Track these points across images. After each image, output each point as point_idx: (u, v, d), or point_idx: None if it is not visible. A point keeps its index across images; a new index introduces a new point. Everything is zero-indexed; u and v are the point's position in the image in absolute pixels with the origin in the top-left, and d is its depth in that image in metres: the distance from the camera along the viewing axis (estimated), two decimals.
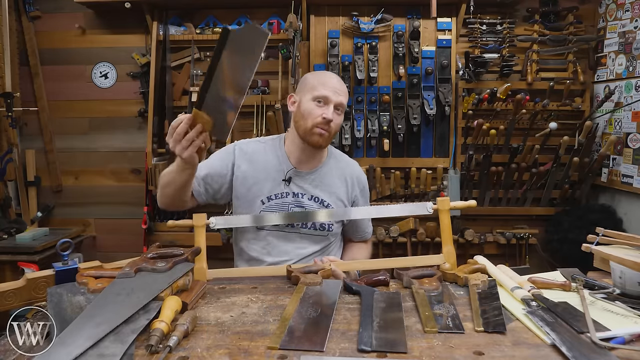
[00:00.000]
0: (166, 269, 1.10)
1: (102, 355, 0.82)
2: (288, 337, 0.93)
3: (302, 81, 1.61)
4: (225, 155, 1.62)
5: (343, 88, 1.56)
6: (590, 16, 2.86)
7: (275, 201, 1.56)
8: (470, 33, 2.84)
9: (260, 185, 1.57)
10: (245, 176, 1.58)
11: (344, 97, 1.55)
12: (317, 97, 1.51)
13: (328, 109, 1.51)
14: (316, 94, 1.52)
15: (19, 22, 2.95)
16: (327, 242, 1.62)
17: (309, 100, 1.53)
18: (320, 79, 1.56)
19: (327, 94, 1.51)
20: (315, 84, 1.54)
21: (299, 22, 2.72)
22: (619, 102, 2.62)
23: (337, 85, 1.54)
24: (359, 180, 1.70)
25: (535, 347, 0.91)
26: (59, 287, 1.07)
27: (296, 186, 1.58)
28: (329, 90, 1.52)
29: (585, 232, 1.38)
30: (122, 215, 3.04)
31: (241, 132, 2.89)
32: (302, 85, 1.59)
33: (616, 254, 1.19)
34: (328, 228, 1.59)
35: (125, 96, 2.99)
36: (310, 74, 1.66)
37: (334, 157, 1.69)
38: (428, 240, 2.80)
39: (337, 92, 1.53)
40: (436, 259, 1.42)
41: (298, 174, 1.59)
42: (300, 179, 1.59)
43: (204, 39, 2.86)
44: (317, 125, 1.51)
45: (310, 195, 1.58)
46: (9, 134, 2.85)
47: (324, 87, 1.52)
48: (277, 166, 1.60)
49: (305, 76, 1.63)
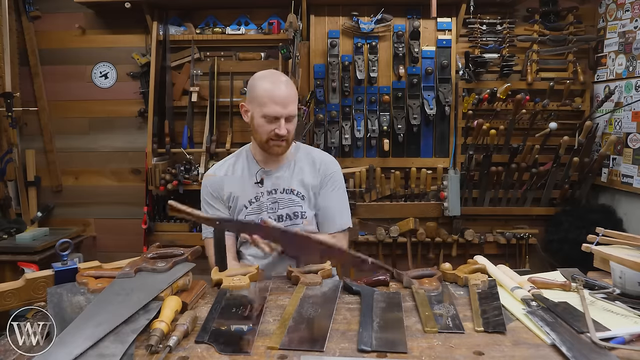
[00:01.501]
0: (166, 269, 1.10)
1: (102, 355, 0.82)
2: (288, 337, 0.93)
3: (251, 89, 1.57)
4: (208, 197, 1.67)
5: (291, 93, 1.54)
6: (590, 16, 2.86)
7: (253, 205, 1.62)
8: (470, 33, 2.84)
9: (239, 194, 1.64)
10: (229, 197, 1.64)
11: (292, 106, 1.54)
12: (266, 115, 1.51)
13: (279, 125, 1.52)
14: (265, 111, 1.51)
15: (19, 22, 2.95)
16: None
17: (260, 116, 1.53)
18: (267, 92, 1.51)
19: (276, 111, 1.50)
20: (264, 99, 1.51)
21: (299, 22, 2.72)
22: (619, 102, 2.62)
23: (284, 94, 1.52)
24: (327, 165, 1.70)
25: (535, 347, 0.91)
26: (59, 287, 1.07)
27: (270, 183, 1.64)
28: (278, 105, 1.50)
29: (585, 232, 1.38)
30: (122, 215, 3.04)
31: (241, 132, 2.89)
32: (252, 95, 1.56)
33: (616, 254, 1.19)
34: (302, 216, 1.63)
35: (125, 96, 2.99)
36: (258, 80, 1.57)
37: (305, 150, 1.73)
38: (428, 240, 2.80)
39: (285, 104, 1.52)
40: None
41: (268, 173, 1.65)
42: (271, 177, 1.65)
43: (204, 39, 2.86)
44: (271, 138, 1.55)
45: (283, 189, 1.63)
46: (9, 134, 2.85)
47: (272, 102, 1.50)
48: (248, 172, 1.66)
49: (254, 84, 1.57)
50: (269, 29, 2.83)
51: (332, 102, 2.77)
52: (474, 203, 2.84)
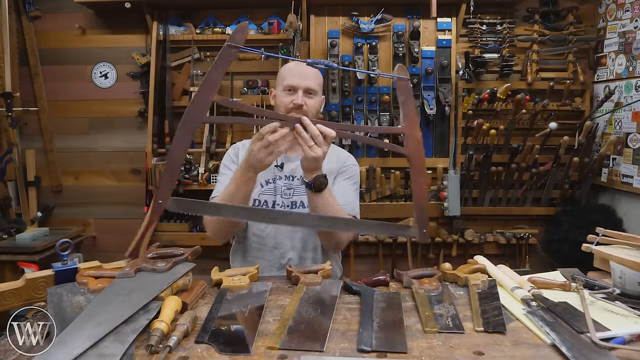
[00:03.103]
0: (166, 269, 1.10)
1: (102, 355, 0.82)
2: (288, 337, 0.93)
3: (278, 74, 1.67)
4: (232, 159, 1.70)
5: (310, 71, 1.59)
6: (590, 16, 2.86)
7: (269, 186, 1.64)
8: (470, 33, 2.84)
9: None
10: None
11: (312, 80, 1.58)
12: (286, 87, 1.58)
13: (297, 95, 1.55)
14: (285, 83, 1.58)
15: (19, 22, 2.95)
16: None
17: (281, 91, 1.60)
18: (288, 67, 1.63)
19: (294, 82, 1.56)
20: (285, 74, 1.60)
21: (299, 22, 2.72)
22: (619, 102, 2.62)
23: (304, 69, 1.58)
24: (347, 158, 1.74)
25: (535, 347, 0.91)
26: (59, 287, 1.07)
27: (289, 169, 1.66)
28: (296, 76, 1.57)
29: (585, 232, 1.38)
30: (122, 215, 3.04)
31: (241, 132, 2.90)
32: (277, 78, 1.66)
33: (616, 254, 1.19)
34: None
35: (125, 96, 2.99)
36: (284, 65, 1.72)
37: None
38: (428, 240, 2.80)
39: (304, 76, 1.57)
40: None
41: (289, 159, 1.66)
42: (292, 164, 1.66)
43: (204, 39, 2.86)
44: (289, 111, 1.55)
45: (300, 176, 1.62)
46: (9, 134, 2.85)
47: (290, 75, 1.58)
48: None
49: (281, 68, 1.69)
50: (269, 29, 2.83)
51: (332, 102, 2.77)
52: (474, 203, 2.84)
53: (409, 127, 1.16)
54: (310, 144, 1.25)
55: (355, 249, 2.83)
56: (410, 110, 1.16)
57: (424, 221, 1.17)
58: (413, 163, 1.17)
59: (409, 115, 1.16)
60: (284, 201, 1.62)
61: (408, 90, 1.15)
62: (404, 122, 1.16)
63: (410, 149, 1.16)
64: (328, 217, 1.38)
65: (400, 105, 1.16)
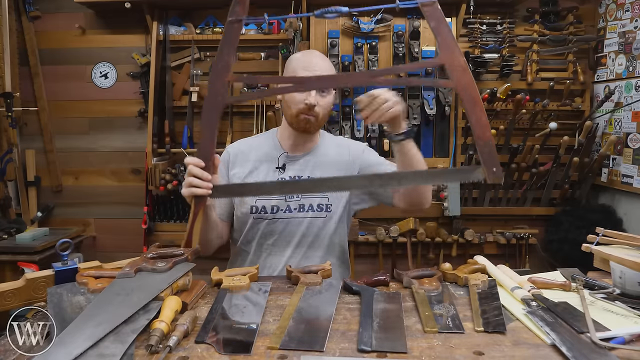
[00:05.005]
0: (166, 269, 1.10)
1: (102, 355, 0.82)
2: (288, 337, 0.93)
3: (287, 65, 1.52)
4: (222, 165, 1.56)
5: (326, 65, 1.47)
6: (590, 16, 2.86)
7: None
8: (470, 33, 2.84)
9: (254, 177, 1.53)
10: (240, 175, 1.55)
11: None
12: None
13: (310, 94, 1.42)
14: None
15: (19, 22, 2.95)
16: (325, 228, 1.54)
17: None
18: (302, 61, 1.47)
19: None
20: (297, 68, 1.45)
21: (299, 22, 2.72)
22: (619, 102, 2.62)
23: (320, 64, 1.45)
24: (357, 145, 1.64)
25: (535, 347, 0.90)
26: (59, 287, 1.07)
27: (292, 170, 1.53)
28: (308, 71, 1.42)
29: (585, 232, 1.38)
30: (122, 215, 3.04)
31: (241, 132, 2.89)
32: (286, 70, 1.51)
33: (616, 254, 1.19)
34: (327, 209, 1.52)
35: (125, 96, 2.99)
36: (294, 56, 1.54)
37: (330, 137, 1.65)
38: (428, 240, 2.80)
39: (316, 71, 1.43)
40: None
41: (292, 159, 1.54)
42: (295, 163, 1.54)
43: (204, 39, 2.86)
44: (301, 112, 1.44)
45: (307, 176, 1.53)
46: (9, 134, 2.85)
47: (302, 68, 1.44)
48: (270, 155, 1.55)
49: (290, 59, 1.53)
50: (269, 29, 2.83)
51: None
52: (474, 203, 2.84)
53: (448, 55, 0.99)
54: (389, 106, 1.23)
55: (355, 249, 2.83)
56: (446, 37, 0.99)
57: (492, 159, 1.00)
58: (463, 94, 1.01)
59: (444, 43, 1.00)
60: (288, 205, 1.49)
61: (438, 14, 0.98)
62: (441, 51, 1.00)
63: (456, 79, 1.00)
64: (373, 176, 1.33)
65: (434, 34, 1.01)
